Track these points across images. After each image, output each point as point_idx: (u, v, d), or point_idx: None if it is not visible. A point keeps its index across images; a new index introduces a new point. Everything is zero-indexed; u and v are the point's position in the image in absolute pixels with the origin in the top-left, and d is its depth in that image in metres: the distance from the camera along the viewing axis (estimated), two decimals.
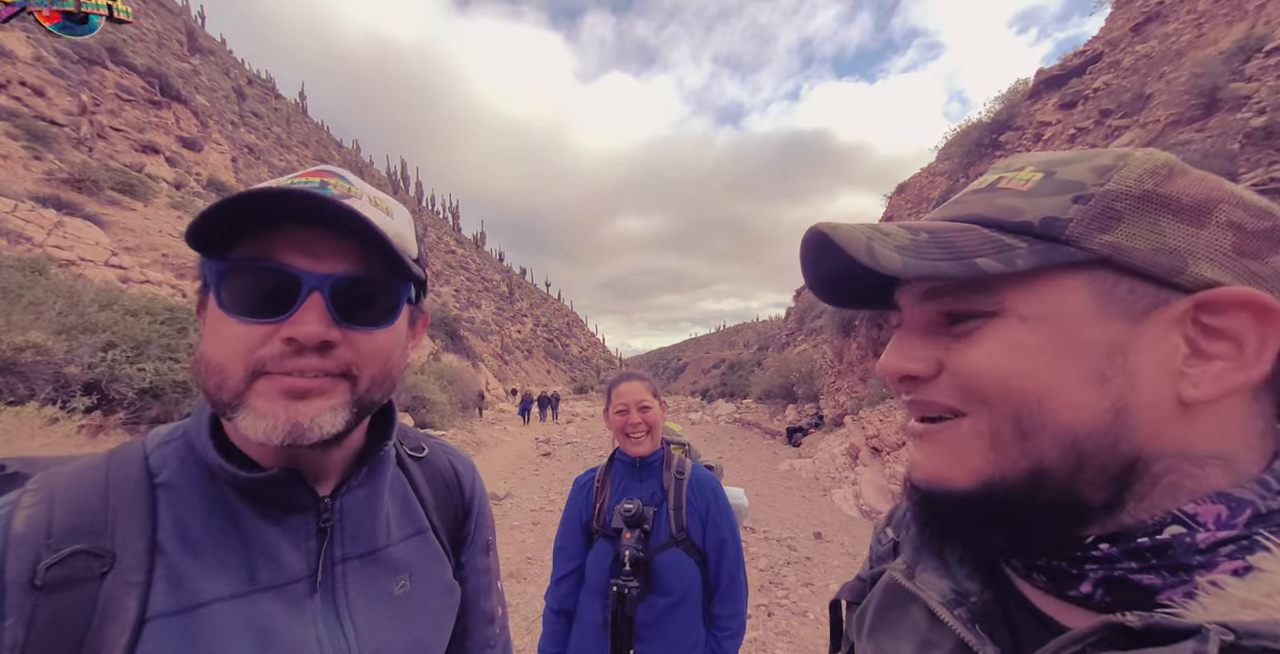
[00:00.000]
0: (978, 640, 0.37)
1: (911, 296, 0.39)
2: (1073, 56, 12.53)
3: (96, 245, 9.50)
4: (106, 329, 5.36)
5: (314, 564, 0.52)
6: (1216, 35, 8.63)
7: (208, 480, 0.48)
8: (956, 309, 0.36)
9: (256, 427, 0.44)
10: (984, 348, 0.34)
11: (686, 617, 1.32)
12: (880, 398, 8.58)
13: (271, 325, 0.45)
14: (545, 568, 4.35)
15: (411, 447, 0.70)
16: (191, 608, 0.43)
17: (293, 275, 0.45)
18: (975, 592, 0.40)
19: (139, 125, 17.52)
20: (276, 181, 0.48)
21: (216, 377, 0.45)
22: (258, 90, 60.86)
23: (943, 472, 0.36)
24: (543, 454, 10.75)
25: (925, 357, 0.37)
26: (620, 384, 1.46)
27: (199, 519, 0.47)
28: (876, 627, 0.48)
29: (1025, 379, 0.32)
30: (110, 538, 0.43)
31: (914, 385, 0.38)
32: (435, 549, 0.64)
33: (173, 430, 0.52)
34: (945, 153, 14.78)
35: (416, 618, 0.58)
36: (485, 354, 34.13)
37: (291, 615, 0.49)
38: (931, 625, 0.42)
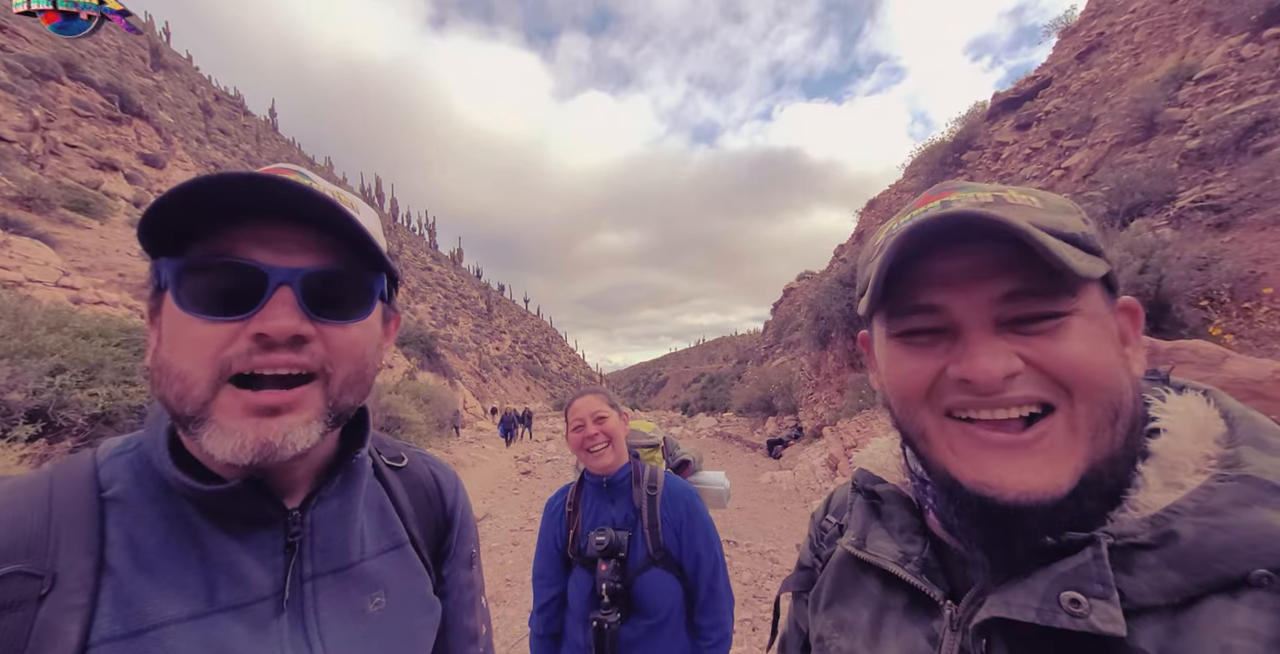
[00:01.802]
0: (926, 586, 0.45)
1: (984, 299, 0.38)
2: (1025, 81, 13.34)
3: (46, 265, 9.03)
4: (55, 352, 5.06)
5: (281, 581, 0.48)
6: (1152, 64, 9.33)
7: (163, 494, 0.45)
8: (1045, 310, 0.38)
9: (223, 445, 0.41)
10: (1077, 341, 0.37)
11: (671, 633, 1.29)
12: (857, 408, 8.71)
13: (237, 323, 0.42)
14: (525, 590, 4.21)
15: (390, 457, 0.67)
16: (141, 631, 0.40)
17: (258, 270, 0.42)
18: (916, 552, 0.48)
19: (97, 142, 16.91)
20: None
21: (179, 385, 0.41)
22: (226, 107, 59.68)
23: (1049, 480, 0.36)
24: (522, 472, 10.51)
25: (1013, 354, 0.38)
26: (574, 401, 1.43)
27: (153, 536, 0.43)
28: (833, 600, 0.54)
29: (1111, 367, 0.37)
30: (51, 557, 0.40)
31: (1007, 384, 0.37)
32: (414, 563, 0.61)
33: (125, 441, 0.49)
34: (912, 170, 15.43)
35: (393, 637, 0.55)
36: (463, 372, 33.46)
37: (255, 637, 0.45)
38: (885, 589, 0.49)
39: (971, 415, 0.39)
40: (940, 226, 0.37)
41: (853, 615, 0.51)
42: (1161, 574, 0.33)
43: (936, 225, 0.37)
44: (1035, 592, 0.36)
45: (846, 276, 11.03)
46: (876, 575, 0.50)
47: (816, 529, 0.64)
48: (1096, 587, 0.34)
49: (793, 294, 24.90)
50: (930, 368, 0.40)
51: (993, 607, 0.38)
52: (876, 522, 0.53)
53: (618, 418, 1.41)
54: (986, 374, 0.37)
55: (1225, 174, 5.88)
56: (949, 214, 0.37)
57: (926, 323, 0.41)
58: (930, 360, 0.41)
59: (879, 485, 0.55)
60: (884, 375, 0.46)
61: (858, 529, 0.54)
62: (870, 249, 0.47)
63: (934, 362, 0.40)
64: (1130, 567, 0.34)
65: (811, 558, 0.63)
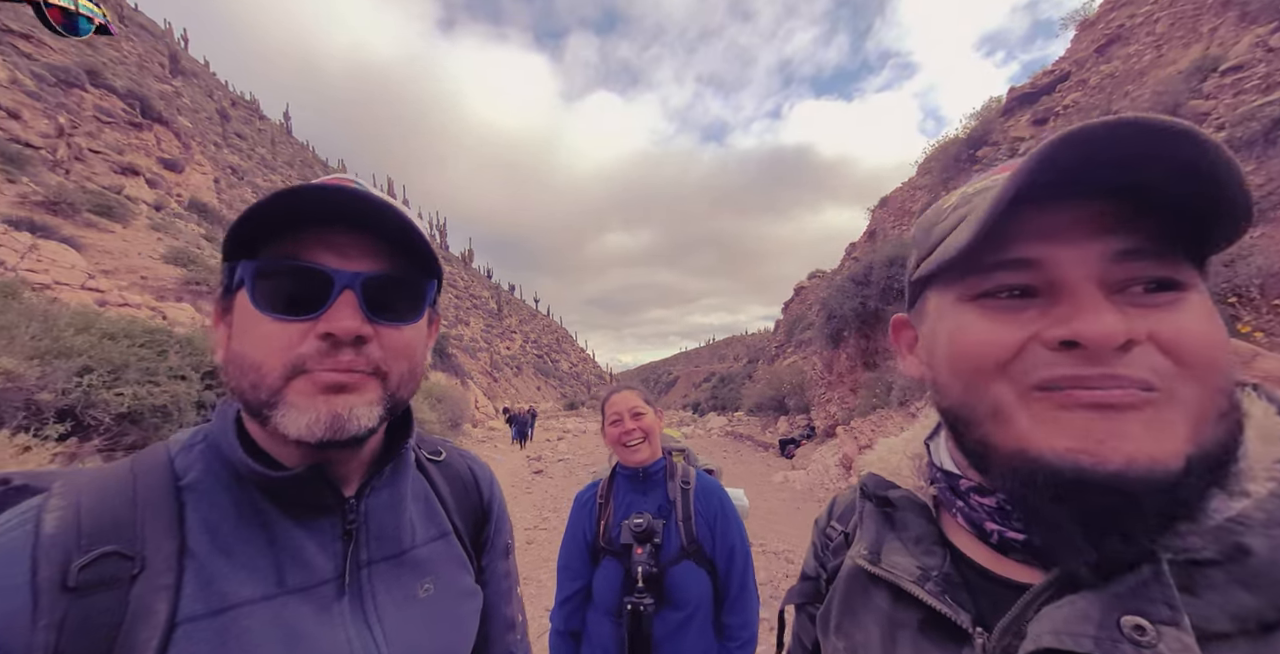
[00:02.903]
0: (951, 610, 0.39)
1: (1094, 255, 0.33)
2: (1042, 76, 13.10)
3: (72, 268, 9.27)
4: (82, 353, 5.19)
5: (341, 566, 0.51)
6: (1175, 55, 9.11)
7: (234, 482, 0.47)
8: (1159, 275, 0.32)
9: (298, 421, 0.44)
10: (1198, 318, 0.32)
11: (699, 629, 1.29)
12: (871, 408, 8.63)
13: (306, 323, 0.45)
14: (541, 588, 4.23)
15: (429, 450, 0.70)
16: (221, 611, 0.43)
17: (325, 274, 0.46)
18: (936, 566, 0.42)
19: (119, 147, 17.31)
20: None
21: (253, 375, 0.45)
22: (242, 111, 60.76)
23: (1158, 451, 0.30)
24: (534, 472, 10.56)
25: (1127, 321, 0.31)
26: (611, 396, 1.45)
27: (227, 521, 0.46)
28: (843, 619, 0.48)
29: (1228, 353, 0.32)
30: (140, 540, 0.42)
31: (1121, 357, 0.31)
32: (458, 552, 0.64)
33: (195, 433, 0.51)
34: (925, 168, 15.22)
35: (442, 621, 0.57)
36: (474, 372, 33.73)
37: (320, 618, 0.48)
38: (895, 605, 0.44)
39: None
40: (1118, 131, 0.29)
41: (863, 635, 0.46)
42: (1233, 595, 0.29)
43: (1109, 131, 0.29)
44: (1089, 616, 0.31)
45: (859, 275, 10.92)
46: (886, 588, 0.45)
47: (821, 537, 0.60)
48: (1163, 610, 0.29)
49: (804, 293, 24.74)
50: (1017, 334, 0.34)
51: (1041, 636, 0.32)
52: (890, 532, 0.47)
53: (654, 414, 1.43)
54: (1104, 335, 0.30)
55: (1254, 168, 5.73)
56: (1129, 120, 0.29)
57: (1018, 279, 0.34)
58: (1018, 326, 0.34)
59: (892, 491, 0.50)
60: (944, 348, 0.38)
61: (870, 541, 0.48)
62: (939, 211, 0.42)
63: (1023, 327, 0.34)
64: (1194, 586, 0.30)
65: (816, 567, 0.59)
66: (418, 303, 0.52)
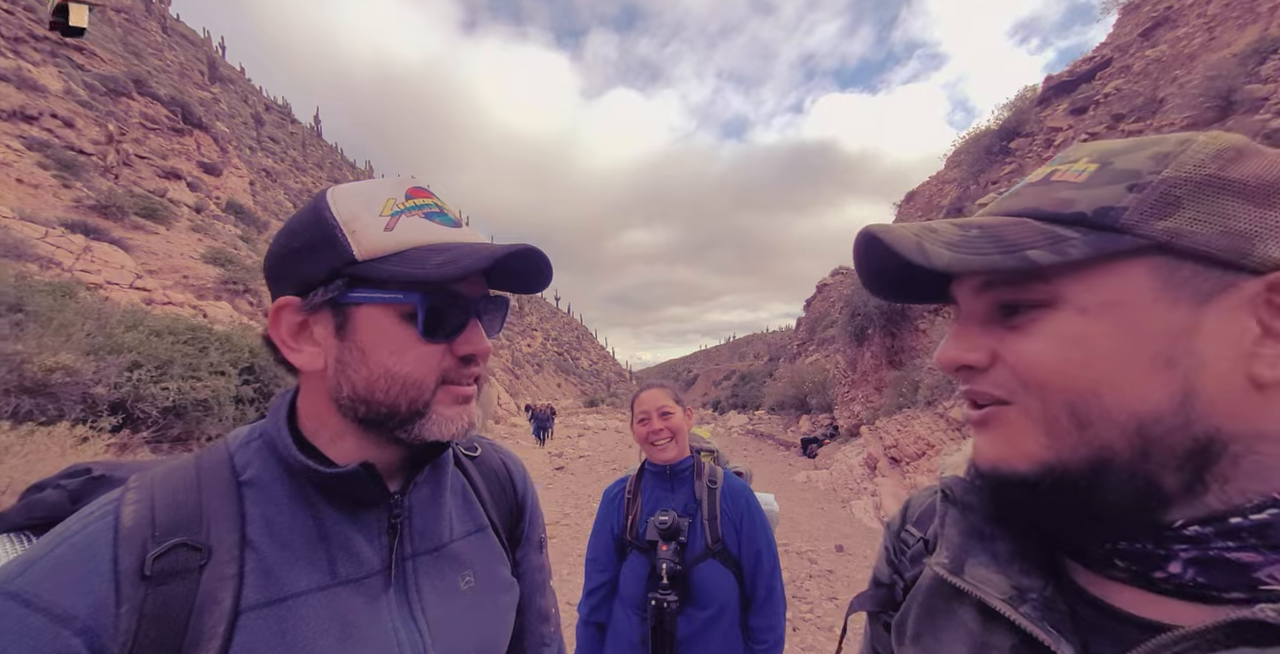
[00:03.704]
0: (1052, 639, 0.35)
1: (968, 289, 0.39)
2: (1081, 62, 12.53)
3: (122, 268, 9.77)
4: (132, 349, 5.46)
5: (387, 559, 0.53)
6: (1229, 38, 8.59)
7: (288, 477, 0.50)
8: (1012, 300, 0.36)
9: (447, 428, 0.52)
10: (1038, 339, 0.35)
11: (725, 629, 1.29)
12: (897, 407, 8.44)
13: (445, 344, 0.52)
14: (562, 583, 4.30)
15: (465, 446, 0.72)
16: (281, 600, 0.45)
17: (466, 302, 0.53)
18: (1036, 587, 0.38)
19: (162, 152, 18.13)
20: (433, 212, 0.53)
21: (414, 391, 0.50)
22: (275, 116, 62.85)
23: (1000, 456, 0.37)
24: (556, 468, 10.69)
25: (981, 347, 0.38)
26: (641, 394, 1.47)
27: (283, 515, 0.49)
28: (922, 631, 0.45)
29: (1081, 370, 0.33)
30: (205, 532, 0.45)
31: (971, 375, 0.38)
32: (495, 546, 0.66)
33: (251, 431, 0.54)
34: (954, 160, 14.75)
35: (483, 613, 0.59)
36: (496, 369, 34.26)
37: (369, 609, 0.50)
38: (985, 625, 0.40)
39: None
40: (859, 245, 0.41)
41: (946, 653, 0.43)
42: None
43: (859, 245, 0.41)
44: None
45: None
46: (973, 605, 0.42)
47: (895, 541, 0.57)
48: None
49: (826, 290, 24.31)
50: None
51: None
52: (978, 544, 0.44)
53: (682, 414, 1.44)
54: (940, 362, 0.40)
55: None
56: (861, 234, 0.39)
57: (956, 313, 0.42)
58: None
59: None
60: None
61: (952, 550, 0.44)
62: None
63: None
64: None
65: (890, 574, 0.55)
66: (504, 319, 0.60)
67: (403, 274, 0.47)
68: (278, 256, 0.51)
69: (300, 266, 0.50)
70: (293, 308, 0.50)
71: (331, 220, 0.48)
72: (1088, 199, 0.34)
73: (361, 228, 0.48)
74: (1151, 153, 0.34)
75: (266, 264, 0.53)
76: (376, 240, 0.48)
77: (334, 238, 0.48)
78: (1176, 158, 0.33)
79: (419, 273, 0.47)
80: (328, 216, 0.48)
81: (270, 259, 0.52)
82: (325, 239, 0.48)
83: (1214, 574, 0.31)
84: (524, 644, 0.72)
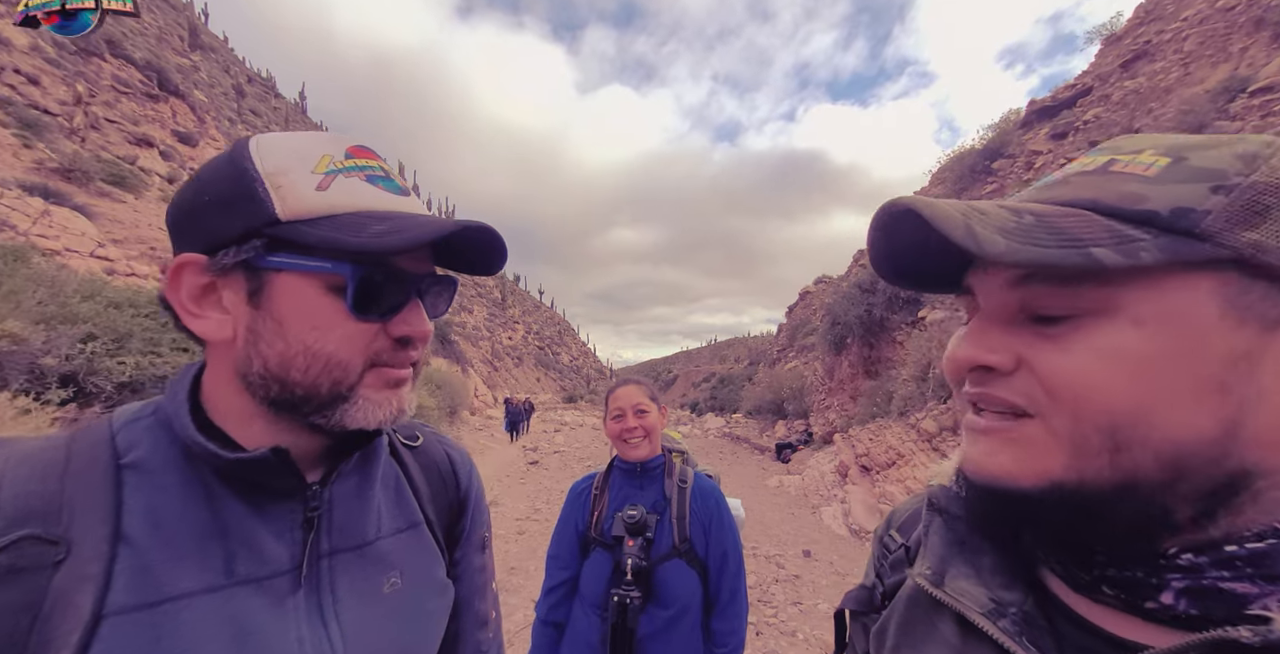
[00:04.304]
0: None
1: (998, 282, 0.35)
2: (1064, 89, 12.96)
3: (83, 236, 9.32)
4: (88, 320, 5.21)
5: (299, 557, 0.47)
6: (1202, 74, 8.98)
7: (184, 462, 0.44)
8: (1054, 303, 0.32)
9: (374, 414, 0.47)
10: (1083, 352, 0.30)
11: (686, 630, 1.27)
12: (870, 416, 8.59)
13: (379, 324, 0.47)
14: (529, 579, 4.24)
15: (405, 435, 0.66)
16: (158, 603, 0.39)
17: (407, 279, 0.48)
18: (1015, 602, 0.37)
19: (134, 118, 17.36)
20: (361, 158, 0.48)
21: (338, 372, 0.45)
22: (257, 89, 60.87)
23: (1005, 470, 0.33)
24: (530, 462, 10.59)
25: (1005, 349, 0.34)
26: (617, 389, 1.44)
27: (172, 504, 0.42)
28: (901, 643, 0.44)
29: (1127, 389, 0.29)
30: (65, 524, 0.38)
31: (985, 378, 0.35)
32: (429, 545, 0.60)
33: (143, 407, 0.47)
34: (939, 177, 15.10)
35: (407, 618, 0.54)
36: (475, 360, 33.83)
37: (272, 612, 0.45)
38: (965, 639, 0.39)
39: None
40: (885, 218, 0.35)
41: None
42: None
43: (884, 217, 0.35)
44: None
45: (866, 282, 10.86)
46: (953, 618, 0.41)
47: (879, 547, 0.57)
48: None
49: (809, 297, 24.65)
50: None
51: None
52: (960, 555, 0.43)
53: (657, 412, 1.41)
54: (951, 359, 0.36)
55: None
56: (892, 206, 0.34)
57: (969, 305, 0.38)
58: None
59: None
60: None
61: (935, 560, 0.44)
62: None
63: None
64: None
65: (873, 578, 0.56)
66: (451, 300, 0.55)
67: (333, 241, 0.42)
68: (183, 209, 0.45)
69: (209, 222, 0.43)
70: (196, 267, 0.44)
71: (253, 172, 0.42)
72: (1162, 197, 0.30)
73: (288, 184, 0.42)
74: (1237, 151, 0.30)
75: (169, 216, 0.46)
76: (305, 200, 0.42)
77: (252, 192, 0.42)
78: (1267, 161, 0.29)
79: (352, 241, 0.42)
80: (248, 168, 0.42)
81: (174, 211, 0.45)
82: (242, 193, 0.42)
83: (1208, 605, 0.29)
84: (458, 650, 0.66)
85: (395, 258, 0.47)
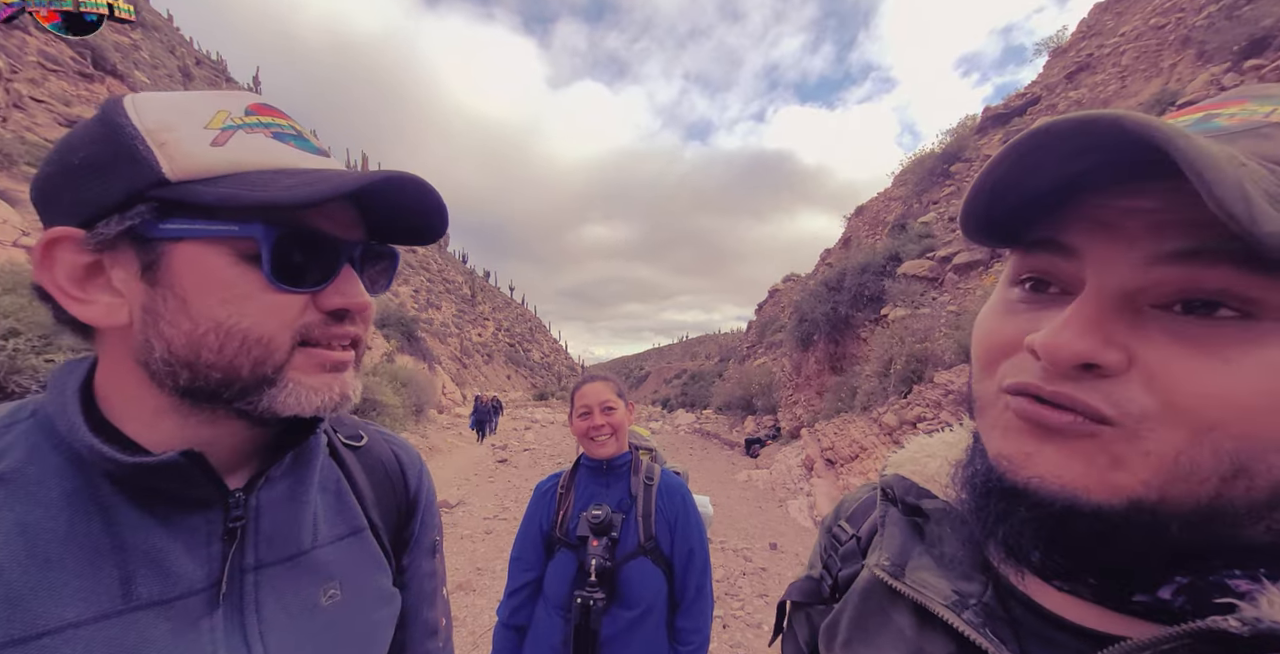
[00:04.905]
0: (994, 647, 0.33)
1: (1144, 254, 0.27)
2: (1015, 98, 13.62)
3: (4, 224, 8.58)
4: (9, 315, 4.81)
5: (217, 572, 0.43)
6: (1137, 88, 9.60)
7: (70, 470, 0.39)
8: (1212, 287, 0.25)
9: (309, 399, 0.42)
10: (1249, 363, 0.24)
11: (651, 630, 1.27)
12: (836, 411, 8.84)
13: (308, 294, 0.42)
14: (496, 579, 4.18)
15: (347, 435, 0.61)
16: (31, 638, 0.34)
17: (336, 245, 0.43)
18: (976, 592, 0.36)
19: (65, 98, 16.07)
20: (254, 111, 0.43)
21: (258, 350, 0.40)
22: (207, 71, 57.37)
23: (1078, 481, 0.27)
24: (499, 461, 10.42)
25: (1120, 344, 0.27)
26: (583, 386, 1.41)
27: (52, 520, 0.37)
28: (854, 637, 0.43)
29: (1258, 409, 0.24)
30: None
31: (1081, 376, 0.28)
32: (373, 552, 0.56)
33: (16, 409, 0.42)
34: (901, 179, 15.62)
35: (347, 631, 0.50)
36: (443, 357, 33.01)
37: (181, 638, 0.40)
38: (921, 630, 0.38)
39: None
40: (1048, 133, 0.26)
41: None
42: None
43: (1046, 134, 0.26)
44: None
45: (832, 281, 11.15)
46: (910, 610, 0.40)
47: (827, 537, 0.55)
48: None
49: (777, 295, 25.14)
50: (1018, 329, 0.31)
51: None
52: (919, 545, 0.42)
53: (625, 409, 1.40)
54: (1053, 348, 0.27)
55: None
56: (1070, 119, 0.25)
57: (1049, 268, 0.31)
58: (1024, 321, 0.31)
59: (926, 500, 0.43)
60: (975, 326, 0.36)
61: (893, 552, 0.42)
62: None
63: (1027, 323, 0.30)
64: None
65: (821, 569, 0.54)
66: (392, 272, 0.51)
67: (235, 198, 0.37)
68: (50, 177, 0.39)
69: (82, 189, 0.38)
70: (71, 243, 0.38)
71: (130, 129, 0.37)
72: None
73: (175, 140, 0.37)
74: None
75: (33, 188, 0.40)
76: (199, 157, 0.37)
77: (132, 150, 0.37)
78: None
79: (259, 195, 0.36)
80: (124, 124, 0.37)
81: (39, 181, 0.40)
82: (120, 152, 0.37)
83: (1203, 601, 0.28)
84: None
85: (318, 220, 0.42)
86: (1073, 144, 0.26)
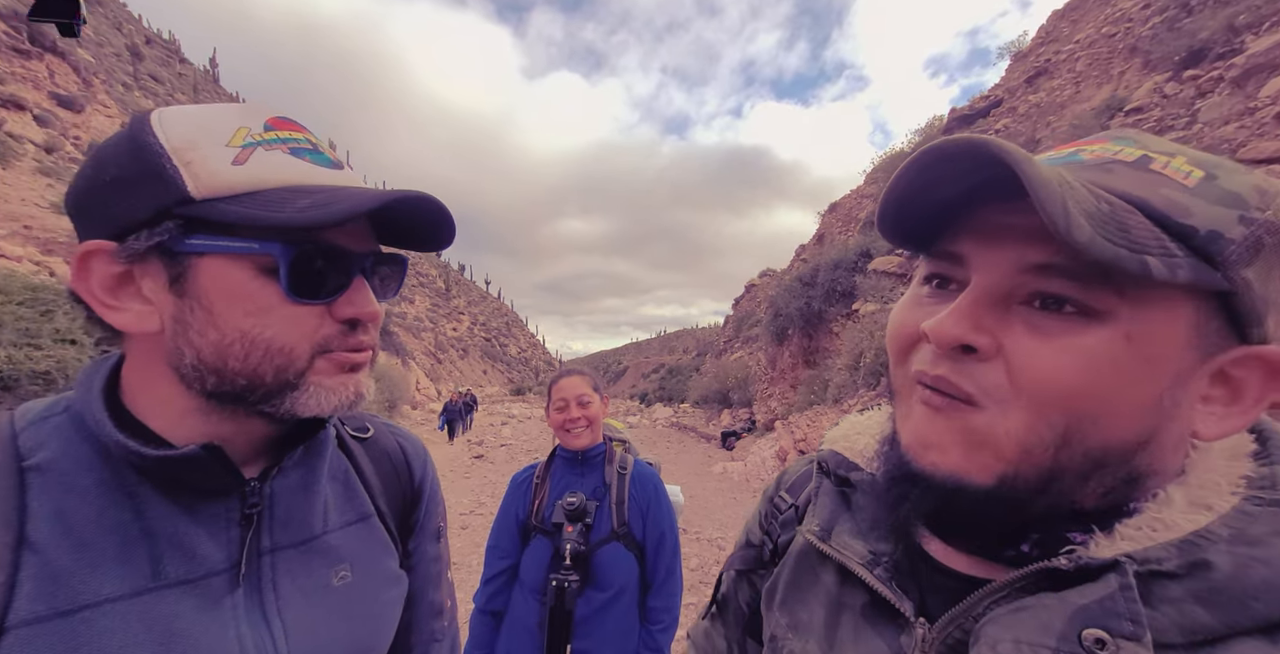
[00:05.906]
0: (895, 597, 0.40)
1: (1012, 261, 0.33)
2: (979, 100, 14.10)
3: None
4: None
5: (236, 555, 0.46)
6: (1089, 93, 10.06)
7: (100, 461, 0.42)
8: (1063, 293, 0.31)
9: (329, 399, 0.45)
10: (1070, 350, 0.30)
11: (623, 611, 1.32)
12: (809, 404, 9.08)
13: (323, 306, 0.45)
14: (471, 573, 4.18)
15: (354, 427, 0.65)
16: (74, 610, 0.38)
17: (349, 258, 0.46)
18: (888, 552, 0.43)
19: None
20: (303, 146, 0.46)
21: (280, 359, 0.43)
22: (158, 51, 54.20)
23: (960, 465, 0.33)
24: (475, 457, 10.33)
25: (989, 331, 0.33)
26: (560, 380, 1.46)
27: (87, 507, 0.41)
28: (789, 596, 0.49)
29: (1096, 393, 0.30)
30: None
31: (958, 359, 0.33)
32: (380, 536, 0.60)
33: (52, 405, 0.45)
34: (872, 177, 16.02)
35: (359, 610, 0.54)
36: (417, 352, 32.33)
37: (206, 614, 0.44)
38: (842, 587, 0.45)
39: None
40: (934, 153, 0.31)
41: (808, 614, 0.46)
42: (1187, 610, 0.29)
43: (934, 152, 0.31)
44: (1050, 628, 0.30)
45: (806, 276, 11.39)
46: (835, 570, 0.46)
47: (768, 506, 0.59)
48: (1126, 625, 0.28)
49: (754, 290, 25.49)
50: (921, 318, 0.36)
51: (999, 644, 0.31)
52: (846, 513, 0.47)
53: (600, 402, 1.44)
54: (936, 334, 0.33)
55: None
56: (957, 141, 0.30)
57: (944, 270, 0.37)
58: (927, 312, 0.36)
59: (854, 473, 0.48)
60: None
61: (823, 518, 0.48)
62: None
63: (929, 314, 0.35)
64: (1151, 598, 0.29)
65: (760, 536, 0.59)
66: (400, 280, 0.54)
67: (255, 218, 0.39)
68: (82, 192, 0.42)
69: (113, 204, 0.41)
70: (104, 255, 0.41)
71: (157, 148, 0.39)
72: (1203, 215, 0.29)
73: (200, 159, 0.40)
74: (1251, 184, 0.31)
75: (68, 201, 0.43)
76: (221, 175, 0.40)
77: (159, 170, 0.39)
78: (1275, 199, 0.30)
79: (277, 217, 0.39)
80: (152, 143, 0.40)
81: (72, 194, 0.42)
82: (148, 171, 0.39)
83: (1051, 551, 0.34)
84: (412, 640, 0.67)
85: (331, 235, 0.44)
86: (960, 164, 0.32)
